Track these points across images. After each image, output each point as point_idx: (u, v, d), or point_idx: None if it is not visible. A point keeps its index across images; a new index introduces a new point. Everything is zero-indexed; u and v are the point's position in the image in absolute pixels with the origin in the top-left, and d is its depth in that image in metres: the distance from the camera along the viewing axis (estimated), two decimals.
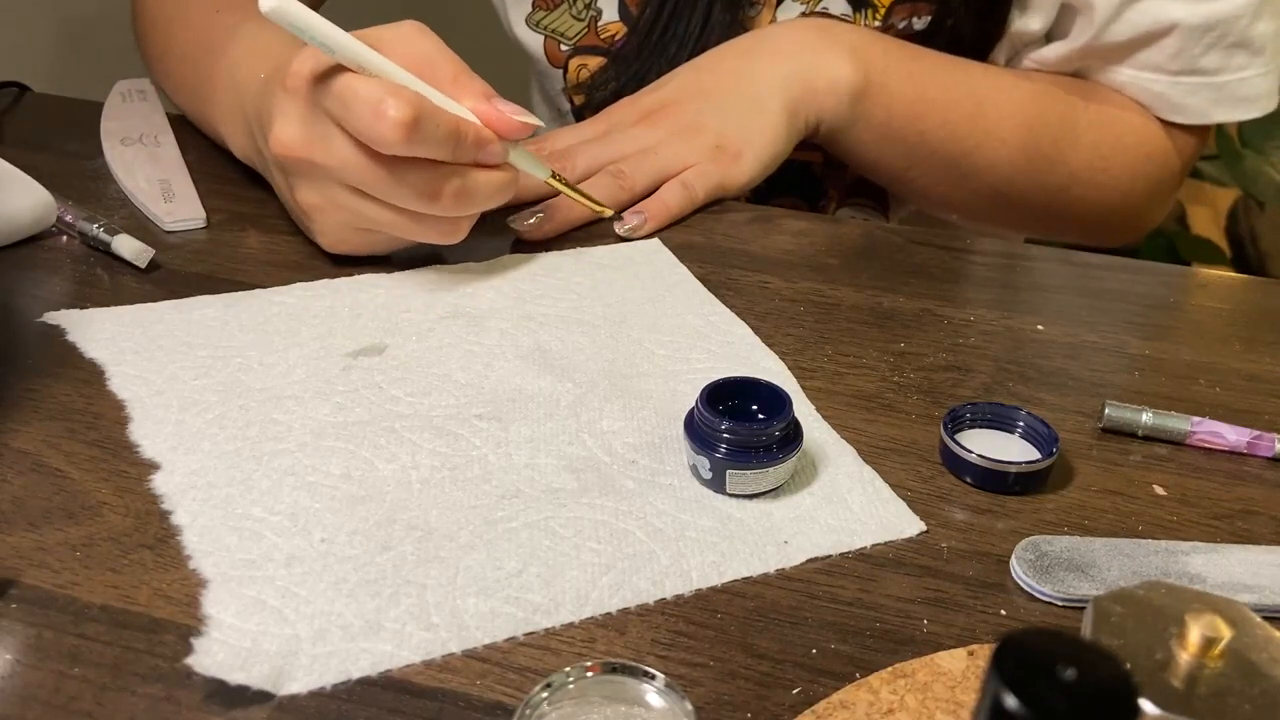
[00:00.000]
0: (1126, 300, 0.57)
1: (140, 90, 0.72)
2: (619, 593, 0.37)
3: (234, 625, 0.35)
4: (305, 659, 0.34)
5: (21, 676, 0.34)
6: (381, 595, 0.37)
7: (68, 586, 0.37)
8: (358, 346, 0.49)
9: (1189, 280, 0.62)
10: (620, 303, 0.54)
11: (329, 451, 0.43)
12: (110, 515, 0.40)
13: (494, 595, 0.37)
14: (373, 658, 0.35)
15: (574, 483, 0.42)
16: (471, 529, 0.40)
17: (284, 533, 0.39)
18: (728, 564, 0.39)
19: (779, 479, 0.42)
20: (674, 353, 0.50)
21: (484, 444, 0.44)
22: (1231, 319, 0.57)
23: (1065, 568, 0.39)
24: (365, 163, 0.49)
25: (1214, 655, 0.28)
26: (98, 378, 0.46)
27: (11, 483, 0.41)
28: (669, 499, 0.42)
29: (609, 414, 0.46)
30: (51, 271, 0.55)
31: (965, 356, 0.52)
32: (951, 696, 0.34)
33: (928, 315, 0.55)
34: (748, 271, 0.58)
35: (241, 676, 0.34)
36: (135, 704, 0.33)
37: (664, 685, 0.31)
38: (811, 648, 0.36)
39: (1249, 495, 0.44)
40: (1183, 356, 0.53)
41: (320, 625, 0.36)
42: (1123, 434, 0.47)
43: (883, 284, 0.57)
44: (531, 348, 0.50)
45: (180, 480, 0.41)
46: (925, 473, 0.44)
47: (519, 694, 0.34)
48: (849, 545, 0.40)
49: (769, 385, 0.43)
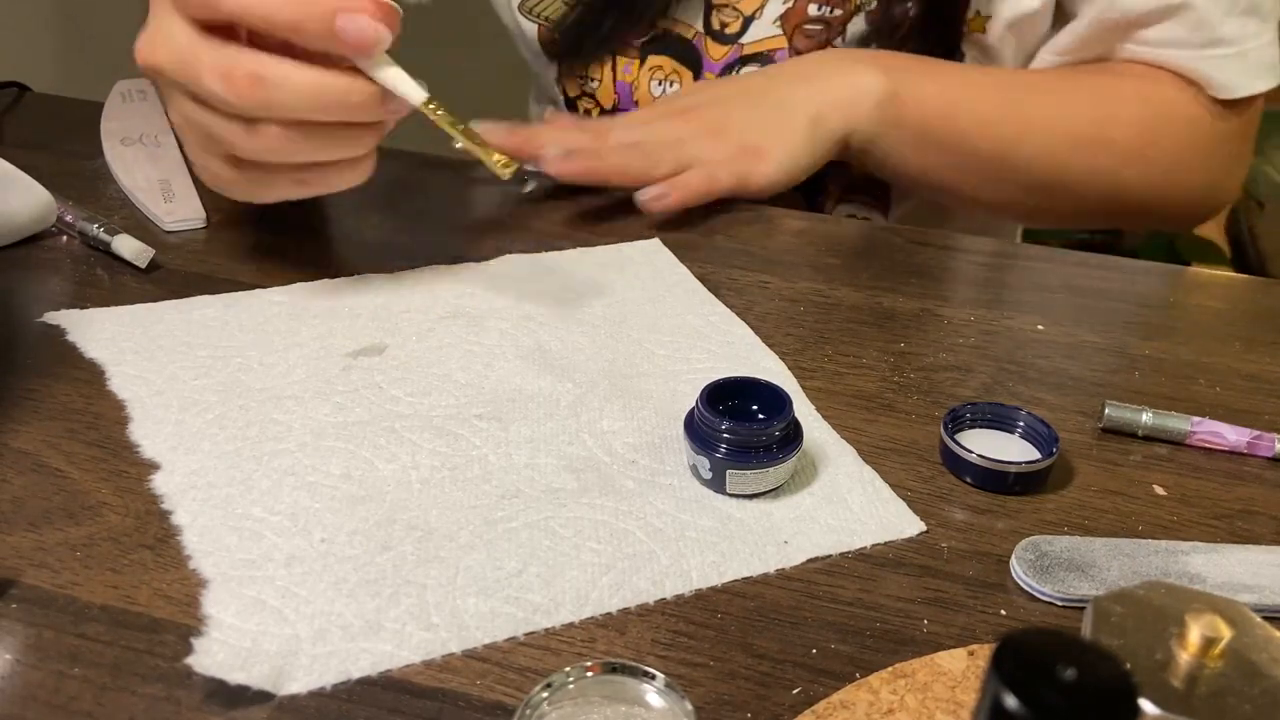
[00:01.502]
0: (1126, 300, 0.57)
1: (140, 90, 0.72)
2: (619, 593, 0.37)
3: (234, 625, 0.35)
4: (305, 659, 0.34)
5: (21, 676, 0.34)
6: (381, 595, 0.37)
7: (68, 586, 0.37)
8: (358, 346, 0.49)
9: (1189, 280, 0.62)
10: (620, 302, 0.54)
11: (329, 451, 0.43)
12: (110, 515, 0.40)
13: (494, 595, 0.37)
14: (373, 658, 0.35)
15: (574, 483, 0.42)
16: (471, 529, 0.40)
17: (284, 533, 0.39)
18: (728, 564, 0.39)
19: (779, 479, 0.42)
20: (674, 353, 0.50)
21: (484, 444, 0.44)
22: (1231, 319, 0.57)
23: (1065, 568, 0.39)
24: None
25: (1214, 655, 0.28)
26: (98, 378, 0.46)
27: (11, 483, 0.41)
28: (669, 499, 0.42)
29: (609, 414, 0.46)
30: (51, 271, 0.55)
31: (965, 356, 0.52)
32: (952, 696, 0.34)
33: (928, 315, 0.55)
34: (748, 271, 0.58)
35: (241, 676, 0.34)
36: (135, 704, 0.33)
37: (664, 685, 0.31)
38: (812, 648, 0.36)
39: (1249, 495, 0.44)
40: (1183, 356, 0.53)
41: (320, 625, 0.35)
42: (1123, 434, 0.47)
43: (883, 284, 0.57)
44: (531, 348, 0.50)
45: (180, 480, 0.41)
46: (925, 473, 0.44)
47: (519, 694, 0.34)
48: (849, 545, 0.40)
49: (769, 385, 0.43)
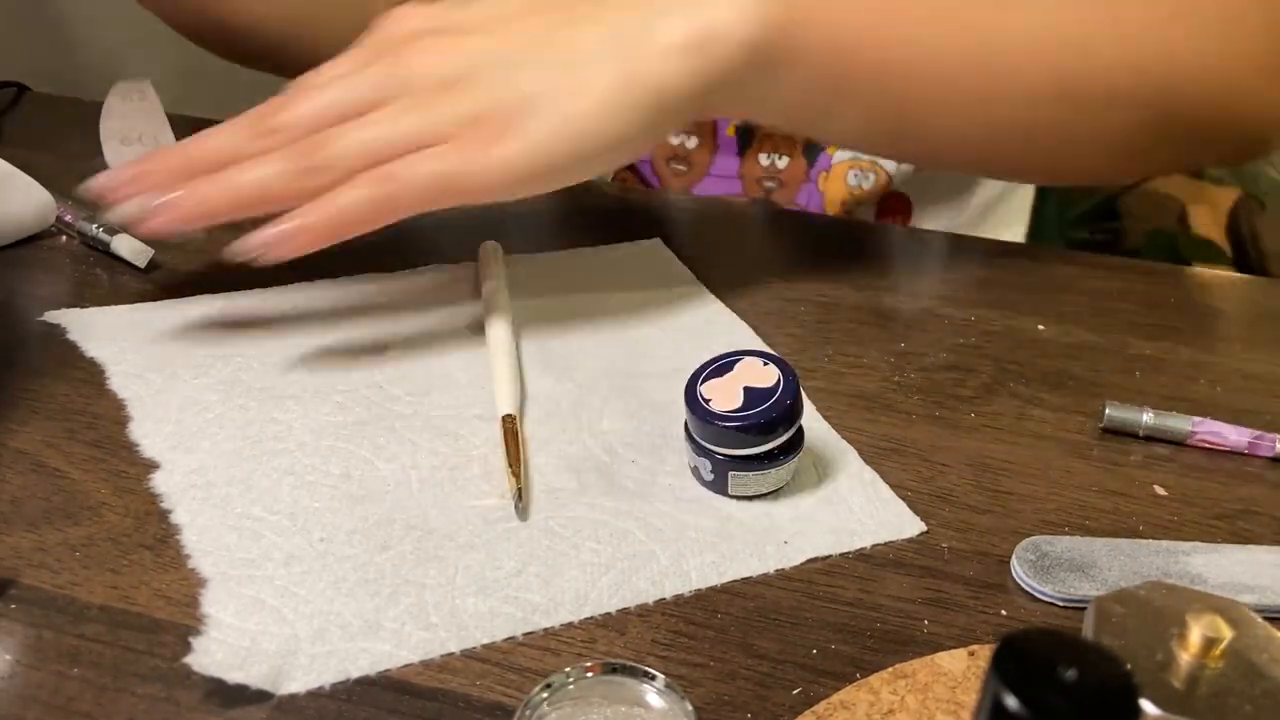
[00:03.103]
0: (1126, 300, 0.57)
1: (140, 90, 0.71)
2: (619, 593, 0.37)
3: (233, 624, 0.35)
4: (304, 658, 0.34)
5: (21, 676, 0.34)
6: (381, 595, 0.37)
7: (67, 587, 0.37)
8: (358, 346, 0.49)
9: (1189, 280, 0.62)
10: (620, 302, 0.54)
11: (329, 451, 0.43)
12: (110, 515, 0.40)
13: (493, 595, 0.37)
14: (372, 657, 0.35)
15: (574, 483, 0.42)
16: (471, 528, 0.40)
17: (283, 532, 0.39)
18: (728, 564, 0.39)
19: (781, 480, 0.42)
20: (674, 352, 0.50)
21: (484, 444, 0.44)
22: (1232, 319, 0.57)
23: (1066, 568, 0.39)
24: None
25: (1215, 656, 0.28)
26: (97, 377, 0.46)
27: (11, 483, 0.41)
28: (669, 499, 0.41)
29: (609, 414, 0.46)
30: (51, 271, 0.55)
31: (965, 356, 0.52)
32: (952, 697, 0.34)
33: (928, 315, 0.55)
34: (748, 271, 0.58)
35: (240, 676, 0.34)
36: (135, 704, 0.33)
37: (664, 685, 0.31)
38: (812, 648, 0.36)
39: (1250, 495, 0.44)
40: (1183, 356, 0.53)
41: (319, 625, 0.35)
42: (1123, 434, 0.47)
43: (883, 284, 0.57)
44: (531, 347, 0.50)
45: (180, 480, 0.41)
46: (925, 473, 0.44)
47: (519, 694, 0.34)
48: (849, 545, 0.40)
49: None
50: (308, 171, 0.41)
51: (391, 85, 0.43)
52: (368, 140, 0.41)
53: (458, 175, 0.41)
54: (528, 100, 0.41)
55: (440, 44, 0.43)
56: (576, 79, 0.41)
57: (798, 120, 0.49)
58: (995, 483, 0.44)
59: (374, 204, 0.41)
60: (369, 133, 0.41)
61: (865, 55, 0.45)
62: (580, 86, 0.41)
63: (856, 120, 0.48)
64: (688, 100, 0.43)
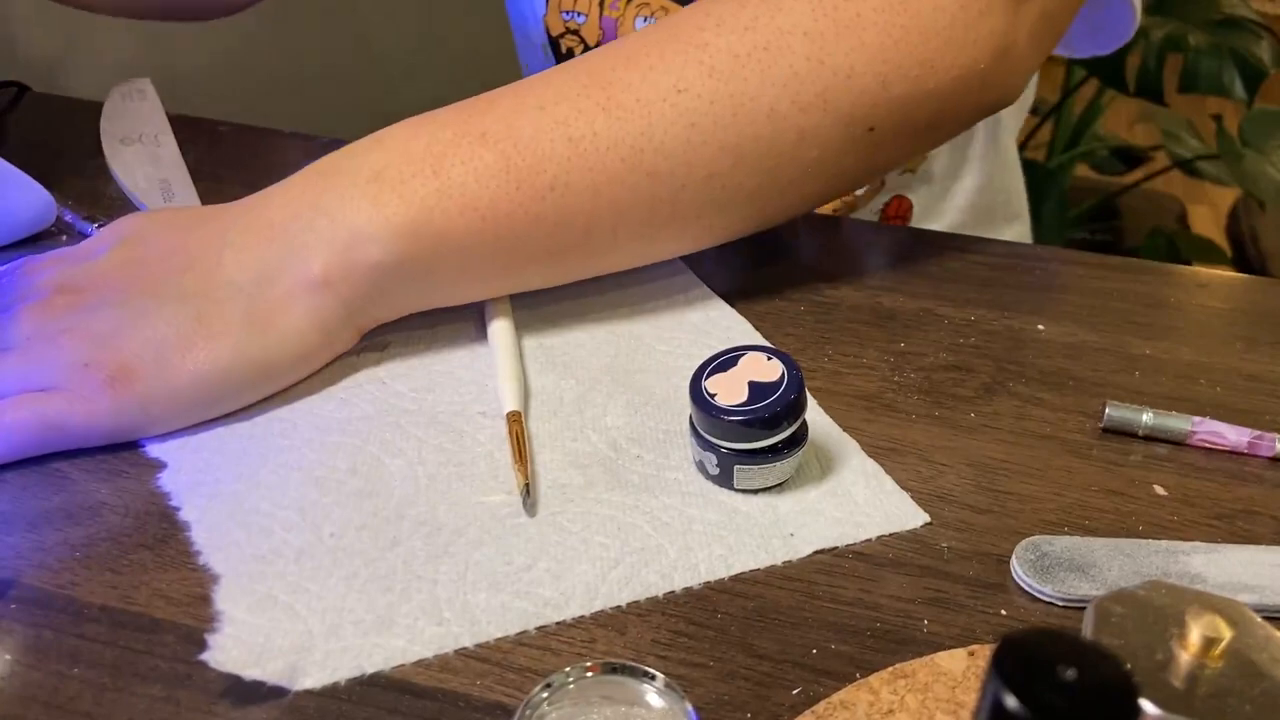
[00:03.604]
0: (1126, 300, 0.57)
1: (140, 90, 0.71)
2: (628, 586, 0.38)
3: (246, 621, 0.35)
4: (319, 654, 0.34)
5: (21, 676, 0.34)
6: (393, 591, 0.37)
7: (67, 587, 0.37)
8: (360, 343, 0.49)
9: (1189, 280, 0.62)
10: (621, 300, 0.54)
11: (335, 447, 0.43)
12: (110, 515, 0.40)
13: (504, 590, 0.37)
14: (386, 653, 0.35)
15: (580, 478, 0.42)
16: (479, 525, 0.40)
17: (293, 528, 0.39)
18: (735, 557, 0.39)
19: (786, 473, 0.42)
20: (675, 349, 0.50)
21: (489, 440, 0.44)
22: (1232, 319, 0.57)
23: (1066, 568, 0.39)
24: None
25: (1215, 655, 0.28)
26: None
27: (11, 483, 0.41)
28: (674, 493, 0.42)
29: (612, 410, 0.46)
30: None
31: (965, 356, 0.52)
32: (952, 697, 0.34)
33: (928, 315, 0.55)
34: (748, 271, 0.58)
35: (256, 672, 0.34)
36: (135, 704, 0.33)
37: (664, 685, 0.31)
38: (812, 648, 0.36)
39: (1250, 495, 0.44)
40: (1183, 356, 0.53)
41: (333, 621, 0.36)
42: (1123, 434, 0.47)
43: (883, 284, 0.57)
44: (533, 345, 0.50)
45: (187, 478, 0.41)
46: (925, 473, 0.44)
47: (519, 694, 0.34)
48: (854, 537, 0.40)
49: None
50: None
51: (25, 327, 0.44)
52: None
53: (58, 424, 0.41)
54: (146, 343, 0.42)
55: (67, 299, 0.44)
56: (205, 324, 0.43)
57: (477, 294, 0.49)
58: (995, 483, 0.44)
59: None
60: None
61: (508, 224, 0.46)
62: (210, 331, 0.43)
63: (539, 274, 0.50)
64: (338, 326, 0.46)
